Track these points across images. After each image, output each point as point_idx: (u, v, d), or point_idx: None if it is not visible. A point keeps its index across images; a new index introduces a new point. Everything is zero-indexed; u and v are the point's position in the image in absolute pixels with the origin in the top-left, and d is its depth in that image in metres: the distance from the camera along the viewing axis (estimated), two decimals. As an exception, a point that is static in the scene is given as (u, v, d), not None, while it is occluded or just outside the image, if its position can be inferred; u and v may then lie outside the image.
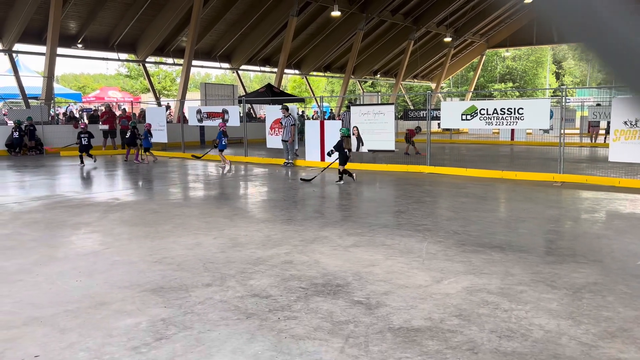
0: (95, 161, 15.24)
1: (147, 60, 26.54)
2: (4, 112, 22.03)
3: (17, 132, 17.94)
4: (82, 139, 14.65)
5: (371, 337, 3.34)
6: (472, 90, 44.98)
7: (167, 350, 3.18)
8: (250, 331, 3.44)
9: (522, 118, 11.87)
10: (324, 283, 4.42)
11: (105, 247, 5.74)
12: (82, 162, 14.71)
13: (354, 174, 11.28)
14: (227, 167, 13.92)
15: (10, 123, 19.44)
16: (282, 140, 14.72)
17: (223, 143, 14.13)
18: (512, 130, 23.60)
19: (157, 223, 6.97)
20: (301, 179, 11.62)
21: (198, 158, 16.96)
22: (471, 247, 5.58)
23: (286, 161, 14.71)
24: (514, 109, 11.97)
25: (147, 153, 15.84)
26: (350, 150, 11.35)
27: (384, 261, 5.07)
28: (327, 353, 3.12)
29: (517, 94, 47.73)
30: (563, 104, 12.52)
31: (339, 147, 11.21)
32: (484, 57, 46.17)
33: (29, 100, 21.67)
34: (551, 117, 13.02)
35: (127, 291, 4.26)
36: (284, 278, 4.56)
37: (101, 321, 3.64)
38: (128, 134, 16.11)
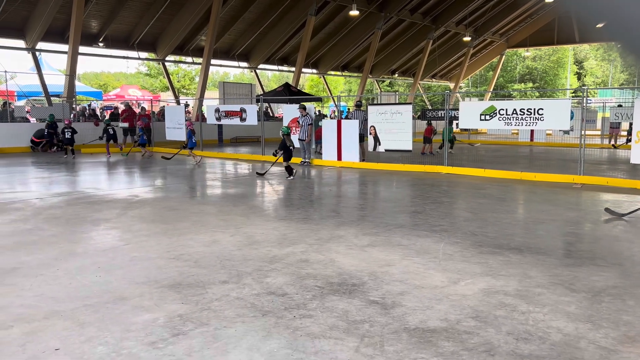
0: (74, 157, 15.63)
1: (167, 59, 26.80)
2: (27, 110, 22.42)
3: (47, 130, 18.22)
4: (66, 133, 15.56)
5: (387, 337, 3.34)
6: (491, 90, 44.55)
7: (184, 346, 3.21)
8: (266, 329, 3.46)
9: (542, 119, 11.73)
10: (340, 282, 4.42)
11: (124, 243, 5.82)
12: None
13: (295, 171, 12.05)
14: (199, 159, 14.91)
15: (33, 120, 19.78)
16: (299, 140, 14.75)
17: (193, 141, 14.92)
18: (532, 131, 23.32)
19: (175, 220, 7.04)
20: (257, 173, 12.60)
21: (168, 159, 16.33)
22: (488, 248, 5.54)
23: (303, 160, 14.74)
24: (534, 109, 11.83)
25: (191, 153, 15.30)
26: (293, 147, 12.25)
27: (400, 261, 5.06)
28: (342, 352, 3.13)
29: (537, 94, 47.20)
30: (584, 104, 12.35)
31: (283, 146, 11.90)
32: (504, 56, 45.72)
33: (51, 98, 22.03)
34: (572, 118, 12.86)
35: (145, 287, 4.31)
36: (299, 276, 4.58)
37: (120, 316, 3.69)
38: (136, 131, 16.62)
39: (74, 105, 21.33)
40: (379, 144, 14.10)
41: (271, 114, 29.12)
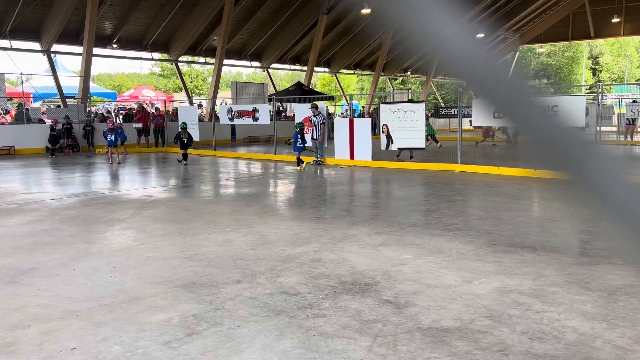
0: (118, 162, 15.35)
1: (180, 59, 26.95)
2: (42, 111, 22.70)
3: (64, 130, 18.40)
4: (108, 135, 15.22)
5: (400, 337, 3.33)
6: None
7: (198, 346, 3.24)
8: (279, 328, 3.48)
9: (556, 115, 11.60)
10: (353, 281, 4.42)
11: (138, 243, 5.87)
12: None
13: (185, 160, 14.60)
14: (117, 158, 15.18)
15: (49, 121, 20.00)
16: (312, 139, 14.76)
17: (111, 139, 15.13)
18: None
19: (188, 220, 7.09)
20: (178, 160, 14.81)
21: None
22: (502, 247, 5.50)
23: (315, 159, 14.75)
24: (548, 106, 11.70)
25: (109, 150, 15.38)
26: (190, 139, 14.85)
27: (413, 260, 5.05)
28: (355, 352, 3.13)
29: (552, 90, 46.67)
30: (599, 100, 12.19)
31: (177, 137, 14.65)
32: (518, 53, 45.30)
33: (66, 99, 22.28)
34: (587, 114, 12.71)
35: (159, 287, 4.35)
36: (312, 276, 4.58)
37: (134, 316, 3.72)
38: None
39: (89, 107, 21.56)
40: (392, 143, 14.05)
41: (283, 114, 29.17)
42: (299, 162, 13.35)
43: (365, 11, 26.54)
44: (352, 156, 14.57)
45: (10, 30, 20.26)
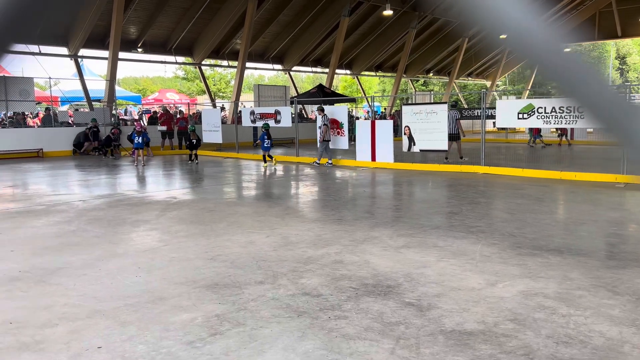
0: (143, 165, 15.68)
1: (203, 62, 27.24)
2: (69, 114, 23.18)
3: (90, 133, 18.72)
4: (136, 138, 15.44)
5: (422, 339, 3.31)
6: (529, 88, 43.58)
7: (221, 346, 3.27)
8: (301, 329, 3.49)
9: (582, 116, 11.41)
10: (375, 283, 4.41)
11: (163, 244, 5.95)
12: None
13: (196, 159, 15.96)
14: (142, 160, 15.42)
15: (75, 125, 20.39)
16: (325, 141, 15.00)
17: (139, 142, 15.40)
18: (572, 129, 22.68)
19: (212, 221, 7.16)
20: (188, 160, 15.83)
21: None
22: (527, 249, 5.43)
23: (328, 161, 14.99)
24: (574, 107, 11.52)
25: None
26: (198, 140, 16.38)
27: (435, 263, 5.01)
28: (377, 354, 3.12)
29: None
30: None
31: (187, 139, 16.35)
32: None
33: (93, 103, 22.72)
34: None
35: (183, 287, 4.40)
36: (334, 277, 4.59)
37: (159, 316, 3.78)
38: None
39: (114, 111, 21.92)
40: (414, 144, 13.98)
41: (305, 116, 29.25)
42: (265, 159, 14.76)
43: (388, 12, 26.47)
44: (373, 158, 14.54)
45: (39, 36, 20.70)
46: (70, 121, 21.32)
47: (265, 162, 14.89)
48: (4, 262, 5.26)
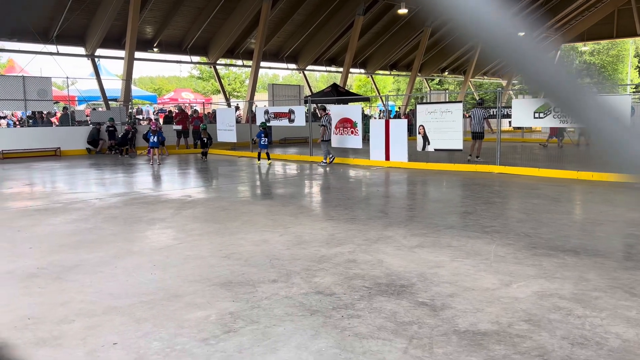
0: (159, 163, 15.83)
1: (218, 62, 27.38)
2: (86, 114, 23.47)
3: (107, 131, 18.94)
4: (151, 137, 15.54)
5: (436, 339, 3.30)
6: (546, 87, 42.96)
7: (235, 343, 3.29)
8: (314, 328, 3.50)
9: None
10: (388, 283, 4.41)
11: (178, 242, 6.00)
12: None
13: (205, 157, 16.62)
14: (157, 159, 15.60)
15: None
16: (325, 140, 15.17)
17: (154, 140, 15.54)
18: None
19: (226, 220, 7.20)
20: (199, 157, 16.72)
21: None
22: (543, 250, 5.38)
23: (323, 160, 15.09)
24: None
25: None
26: (209, 138, 16.96)
27: (449, 263, 4.99)
28: (390, 353, 3.12)
29: (595, 90, 45.08)
30: (646, 100, 11.77)
31: (198, 137, 16.97)
32: (560, 52, 44.11)
33: (109, 102, 22.97)
34: (632, 114, 12.28)
35: (197, 285, 4.43)
36: (347, 276, 4.59)
37: (174, 313, 3.81)
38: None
39: (130, 109, 22.15)
40: (428, 144, 13.92)
41: (319, 115, 29.26)
42: (259, 157, 15.16)
43: (402, 11, 26.37)
44: (387, 157, 14.50)
45: (57, 36, 21.02)
46: (87, 120, 21.59)
47: (259, 159, 15.26)
48: (22, 258, 5.35)
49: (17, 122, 25.95)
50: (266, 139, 14.91)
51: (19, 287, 4.44)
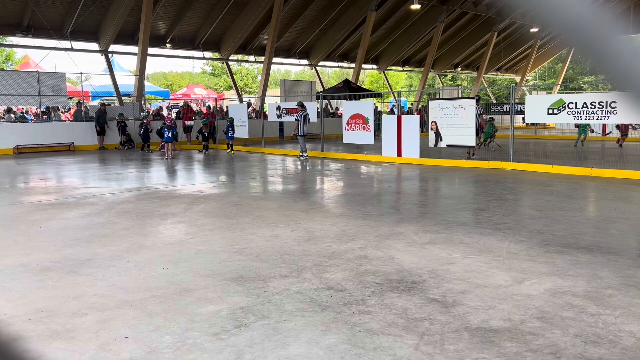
0: (171, 157, 16.04)
1: (230, 58, 27.45)
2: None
3: (142, 128, 19.05)
4: (166, 132, 15.80)
5: (447, 336, 3.29)
6: (559, 83, 42.64)
7: (246, 338, 3.30)
8: (325, 323, 3.50)
9: (614, 112, 11.13)
10: (399, 279, 4.39)
11: (190, 237, 6.03)
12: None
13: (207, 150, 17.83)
14: (170, 155, 15.85)
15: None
16: (299, 135, 15.87)
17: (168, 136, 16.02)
18: (604, 125, 22.12)
19: (238, 215, 7.23)
20: (199, 150, 17.76)
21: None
22: (556, 247, 5.33)
23: (300, 154, 15.83)
24: (606, 102, 11.24)
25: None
26: (210, 132, 18.55)
27: (461, 259, 4.96)
28: (401, 349, 3.11)
29: (610, 86, 44.58)
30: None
31: (199, 131, 18.07)
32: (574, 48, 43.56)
33: (122, 98, 23.13)
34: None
35: (209, 279, 4.46)
36: (358, 272, 4.58)
37: (185, 307, 3.83)
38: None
39: (144, 105, 22.28)
40: (441, 140, 13.84)
41: (331, 111, 29.22)
42: (229, 146, 17.91)
43: (415, 7, 26.22)
44: (399, 153, 14.45)
45: (71, 32, 21.20)
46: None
47: (228, 149, 17.98)
48: (36, 252, 5.41)
49: (33, 119, 26.22)
50: (232, 132, 17.83)
51: (33, 281, 4.49)
